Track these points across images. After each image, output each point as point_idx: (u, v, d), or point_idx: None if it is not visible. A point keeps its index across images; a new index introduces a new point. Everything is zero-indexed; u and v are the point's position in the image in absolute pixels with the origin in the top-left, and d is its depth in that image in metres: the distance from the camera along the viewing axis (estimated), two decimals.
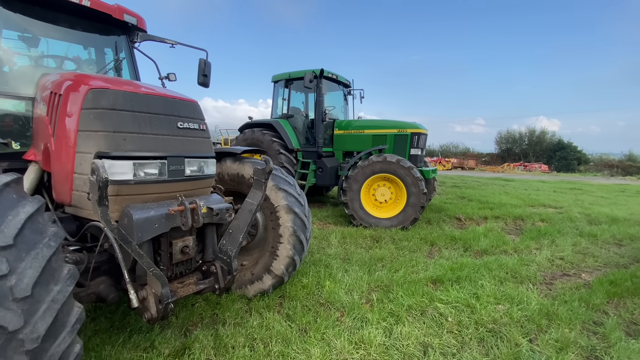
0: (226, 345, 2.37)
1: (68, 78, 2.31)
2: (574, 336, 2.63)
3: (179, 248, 2.01)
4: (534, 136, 46.32)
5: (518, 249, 5.06)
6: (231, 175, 3.21)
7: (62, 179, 2.02)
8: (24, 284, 1.34)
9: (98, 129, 1.83)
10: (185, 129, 2.09)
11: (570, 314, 2.95)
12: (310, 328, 2.63)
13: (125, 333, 2.43)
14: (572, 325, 2.81)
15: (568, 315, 2.93)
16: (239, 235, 2.27)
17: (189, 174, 2.10)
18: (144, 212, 1.78)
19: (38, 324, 1.37)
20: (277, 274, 3.06)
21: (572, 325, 2.80)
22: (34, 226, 1.48)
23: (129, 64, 3.76)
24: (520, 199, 10.02)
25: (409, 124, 7.09)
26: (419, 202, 5.91)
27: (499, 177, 22.25)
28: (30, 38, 3.28)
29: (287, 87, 8.30)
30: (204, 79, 4.04)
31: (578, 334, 2.69)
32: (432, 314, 2.97)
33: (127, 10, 3.51)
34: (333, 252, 4.62)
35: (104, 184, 1.44)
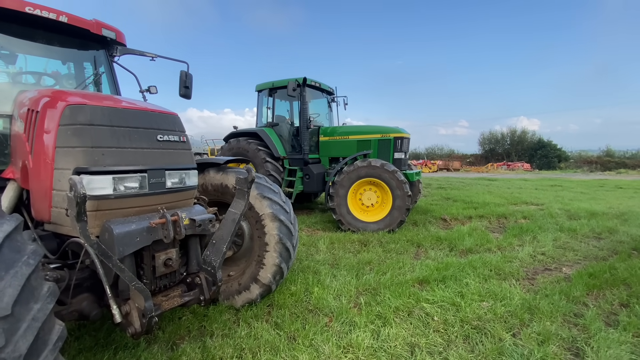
0: (214, 357, 2.36)
1: (45, 94, 2.30)
2: (555, 329, 2.72)
3: (162, 261, 2.01)
4: (516, 136, 47.69)
5: (501, 246, 5.20)
6: (215, 185, 3.22)
7: (40, 196, 2.00)
8: (4, 302, 1.33)
9: (76, 144, 1.83)
10: (165, 142, 2.11)
11: (552, 307, 3.05)
12: (299, 335, 2.65)
13: (110, 350, 2.39)
14: (553, 318, 2.90)
15: (549, 308, 3.03)
16: (222, 246, 2.28)
17: (170, 186, 2.11)
18: (124, 227, 1.78)
19: (19, 342, 1.35)
20: (265, 282, 3.07)
21: (553, 318, 2.89)
22: (12, 244, 1.47)
23: (109, 78, 3.74)
24: (503, 198, 10.28)
25: (392, 128, 7.23)
26: (405, 205, 6.01)
27: (483, 177, 22.76)
28: (7, 55, 3.24)
29: (271, 96, 8.36)
30: (186, 90, 4.05)
31: (559, 327, 2.79)
32: (418, 314, 3.02)
33: (105, 24, 3.51)
34: (321, 258, 4.64)
35: (82, 199, 1.45)
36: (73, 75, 3.74)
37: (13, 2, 2.83)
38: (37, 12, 2.94)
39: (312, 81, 7.92)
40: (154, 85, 3.92)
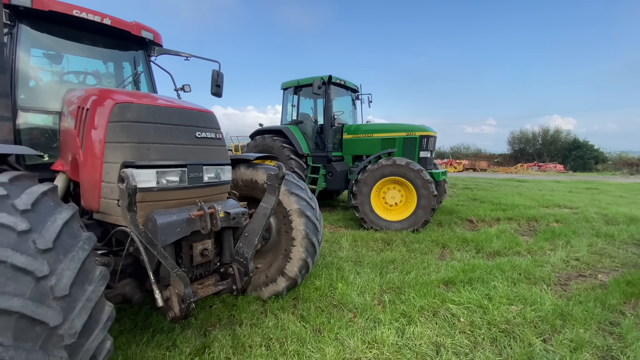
0: (244, 344, 2.47)
1: (93, 93, 2.47)
2: (589, 336, 2.62)
3: (199, 251, 2.13)
4: (548, 135, 45.41)
5: (532, 250, 5.02)
6: (245, 180, 3.33)
7: (90, 187, 2.16)
8: (62, 284, 1.47)
9: (124, 140, 1.97)
10: (203, 139, 2.22)
11: (586, 314, 2.94)
12: (324, 328, 2.71)
13: (149, 333, 2.55)
14: (587, 325, 2.80)
15: (583, 315, 2.92)
16: (254, 238, 2.38)
17: (207, 180, 2.22)
18: (167, 217, 1.90)
19: (75, 320, 1.49)
20: (291, 276, 3.15)
21: (587, 326, 2.79)
22: (70, 231, 1.62)
23: (147, 77, 3.94)
24: (534, 200, 9.87)
25: (418, 126, 7.13)
26: (430, 205, 5.92)
27: (512, 178, 21.90)
28: (54, 55, 3.49)
29: (296, 94, 8.46)
30: (217, 89, 4.20)
31: (593, 334, 2.69)
32: (444, 314, 3.00)
33: (145, 26, 3.69)
34: (344, 255, 4.68)
35: (133, 191, 1.57)
36: (113, 75, 3.97)
37: (61, 5, 3.04)
38: (83, 15, 3.14)
39: (337, 79, 7.93)
40: (187, 84, 4.09)
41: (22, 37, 2.98)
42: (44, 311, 1.39)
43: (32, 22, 3.03)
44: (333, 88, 7.93)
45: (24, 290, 1.36)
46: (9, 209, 1.48)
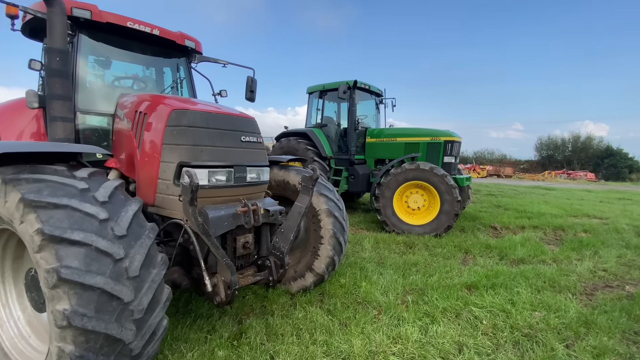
0: (276, 332, 2.67)
1: (146, 99, 2.75)
2: (612, 344, 2.64)
3: (241, 243, 2.34)
4: (579, 142, 43.58)
5: (557, 259, 4.97)
6: (277, 181, 3.54)
7: (147, 183, 2.43)
8: (134, 266, 1.71)
9: (180, 142, 2.22)
10: (247, 142, 2.44)
11: (610, 323, 2.94)
12: (350, 322, 2.86)
13: (190, 318, 2.80)
14: (611, 334, 2.81)
15: (608, 324, 2.93)
16: (290, 234, 2.58)
17: (249, 180, 2.44)
18: (217, 212, 2.13)
19: (143, 298, 1.73)
20: (319, 272, 3.33)
21: (611, 334, 2.80)
22: (138, 221, 1.86)
23: (188, 82, 4.25)
24: (561, 209, 9.61)
25: (442, 131, 7.16)
26: (453, 210, 5.95)
27: (539, 185, 21.21)
28: (107, 62, 3.84)
29: (321, 98, 8.66)
30: (251, 94, 4.47)
31: (617, 342, 2.70)
32: (466, 316, 3.08)
33: (188, 36, 3.99)
34: (367, 256, 4.81)
35: (195, 187, 1.79)
36: (157, 80, 4.29)
37: (117, 17, 3.36)
38: (135, 26, 3.46)
39: (362, 84, 8.08)
40: (224, 90, 4.37)
41: (82, 46, 3.32)
42: (120, 288, 1.63)
43: (91, 33, 3.37)
44: (357, 92, 8.09)
45: (104, 270, 1.61)
46: (91, 200, 1.74)
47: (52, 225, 1.54)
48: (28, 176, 1.70)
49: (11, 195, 1.64)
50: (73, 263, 1.52)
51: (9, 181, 1.66)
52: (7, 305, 2.23)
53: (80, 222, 1.62)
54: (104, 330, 1.56)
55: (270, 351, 2.44)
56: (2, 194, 1.68)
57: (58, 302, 1.51)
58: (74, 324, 1.49)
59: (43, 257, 1.52)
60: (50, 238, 1.51)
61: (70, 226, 1.58)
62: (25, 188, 1.63)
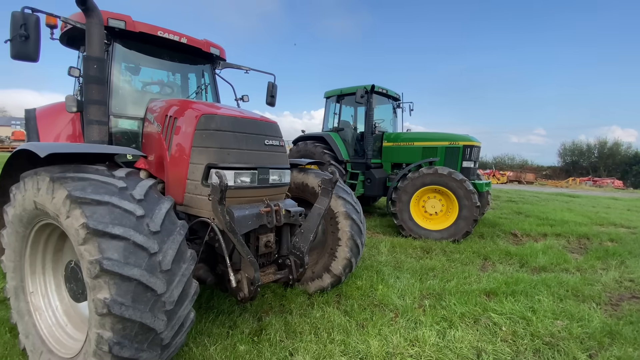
0: (295, 330, 2.74)
1: (175, 104, 2.91)
2: (637, 355, 2.57)
3: (264, 242, 2.44)
4: (606, 148, 41.78)
5: (581, 268, 4.82)
6: (297, 183, 3.63)
7: (176, 183, 2.56)
8: (167, 260, 1.83)
9: (209, 145, 2.34)
10: (270, 146, 2.55)
11: (636, 334, 2.86)
12: (367, 324, 2.90)
13: (213, 313, 2.91)
14: (636, 345, 2.73)
15: (633, 335, 2.85)
16: (309, 235, 2.65)
17: (272, 182, 2.54)
18: (242, 211, 2.23)
19: (174, 291, 1.85)
20: (336, 273, 3.38)
21: (636, 345, 2.72)
22: (170, 218, 1.98)
23: (212, 88, 4.41)
24: (586, 217, 9.28)
25: (461, 136, 7.09)
26: (472, 216, 5.88)
27: (563, 192, 20.48)
28: (138, 68, 4.05)
29: (338, 102, 8.75)
30: (272, 99, 4.61)
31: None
32: (485, 322, 3.06)
33: (213, 43, 4.16)
34: (384, 260, 4.83)
35: (225, 188, 1.90)
36: (182, 85, 4.48)
37: (148, 27, 3.54)
38: (165, 35, 3.64)
39: (380, 88, 8.11)
40: (246, 95, 4.52)
41: (116, 54, 3.52)
42: (154, 280, 1.75)
43: (124, 41, 3.57)
44: (375, 96, 8.12)
45: (140, 263, 1.73)
46: (129, 198, 1.87)
47: (95, 220, 1.67)
48: (73, 175, 1.85)
49: (59, 192, 1.79)
50: (113, 255, 1.65)
51: (56, 179, 1.81)
52: (46, 295, 2.40)
53: (119, 217, 1.75)
54: (139, 319, 1.68)
55: (289, 348, 2.51)
56: (50, 190, 1.83)
57: (99, 292, 1.63)
58: (113, 312, 1.60)
59: (87, 249, 1.66)
60: (94, 232, 1.64)
61: (111, 221, 1.71)
62: (71, 186, 1.78)
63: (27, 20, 2.57)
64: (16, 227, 2.19)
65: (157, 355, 1.83)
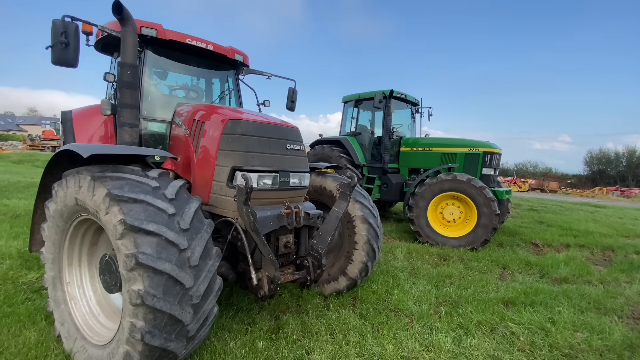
0: (311, 330, 2.81)
1: (201, 109, 3.05)
2: None
3: (283, 243, 2.53)
4: (635, 157, 39.87)
5: (605, 280, 4.67)
6: (315, 187, 3.72)
7: (202, 184, 2.69)
8: (195, 256, 1.94)
9: (235, 149, 2.46)
10: (292, 150, 2.64)
11: None
12: (383, 327, 2.93)
13: (232, 310, 3.02)
14: None
15: None
16: (327, 237, 2.73)
17: (292, 184, 2.63)
18: (264, 212, 2.34)
19: (200, 286, 1.96)
20: (352, 276, 3.43)
21: None
22: (198, 217, 2.10)
23: (235, 93, 4.58)
24: (612, 228, 8.93)
25: (482, 142, 7.00)
26: (491, 224, 5.79)
27: (588, 202, 19.70)
28: (166, 74, 4.26)
29: (356, 107, 8.81)
30: (292, 104, 4.73)
31: None
32: (502, 331, 3.04)
33: (237, 50, 4.33)
34: (399, 265, 4.83)
35: (250, 189, 2.01)
36: (203, 90, 4.66)
37: (178, 35, 3.73)
38: (193, 42, 3.82)
39: (399, 93, 8.12)
40: (268, 100, 4.66)
41: (147, 60, 3.72)
42: (183, 275, 1.86)
43: (155, 48, 3.76)
44: (393, 102, 8.14)
45: (171, 258, 1.85)
46: (161, 197, 2.00)
47: (132, 216, 1.81)
48: (112, 174, 2.00)
49: (99, 190, 1.94)
50: (147, 250, 1.78)
51: (97, 178, 1.96)
52: (81, 286, 2.57)
53: (153, 215, 1.88)
54: (169, 311, 1.79)
55: (305, 347, 2.58)
56: (90, 188, 1.99)
57: (134, 283, 1.76)
58: (146, 303, 1.73)
59: (124, 244, 1.79)
60: (130, 227, 1.78)
61: (146, 218, 1.84)
62: (110, 184, 1.92)
63: (67, 28, 2.74)
64: (57, 221, 2.37)
65: (183, 346, 1.95)
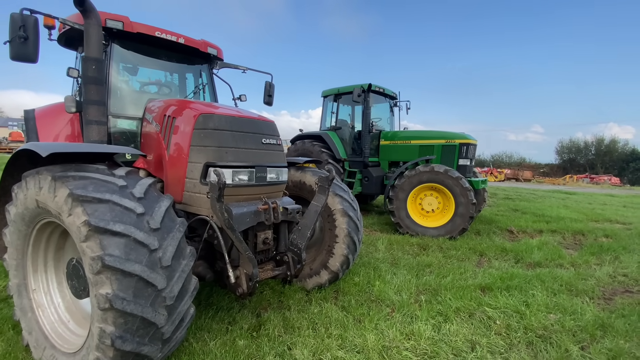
0: (293, 325, 2.79)
1: (173, 104, 2.94)
2: (629, 347, 2.64)
3: (262, 239, 2.49)
4: (603, 145, 42.08)
5: (576, 263, 4.90)
6: (294, 181, 3.68)
7: (175, 182, 2.60)
8: (167, 256, 1.87)
9: (207, 144, 2.38)
10: (267, 144, 2.59)
11: (628, 327, 2.92)
12: (364, 319, 2.95)
13: (212, 309, 2.96)
14: (628, 337, 2.79)
15: (625, 328, 2.91)
16: (307, 231, 2.70)
17: (269, 180, 2.58)
18: (240, 209, 2.28)
19: (174, 287, 1.89)
20: (333, 270, 3.44)
21: (628, 338, 2.79)
22: (170, 216, 2.03)
23: (210, 87, 4.45)
24: (582, 214, 9.38)
25: (457, 134, 7.15)
26: (468, 213, 5.94)
27: (559, 189, 20.61)
28: (136, 69, 4.08)
29: (335, 101, 8.79)
30: (269, 98, 4.65)
31: (634, 346, 2.68)
32: (480, 316, 3.12)
33: (210, 43, 4.19)
34: (381, 257, 4.88)
35: (223, 185, 1.95)
36: (177, 85, 4.51)
37: (146, 27, 3.57)
38: (163, 35, 3.67)
39: (377, 87, 8.16)
40: (244, 94, 4.55)
41: (114, 55, 3.54)
42: (154, 276, 1.79)
43: (122, 42, 3.59)
44: (372, 95, 8.17)
45: (141, 259, 1.77)
46: (129, 196, 1.91)
47: (97, 217, 1.72)
48: (75, 174, 1.89)
49: (60, 190, 1.83)
50: (115, 252, 1.69)
51: (58, 178, 1.85)
52: (48, 292, 2.44)
53: (120, 215, 1.79)
54: (140, 314, 1.72)
55: (287, 342, 2.56)
56: (52, 189, 1.87)
57: (101, 287, 1.67)
58: (115, 307, 1.65)
59: (89, 246, 1.70)
60: (95, 229, 1.69)
61: (112, 219, 1.75)
62: (72, 184, 1.82)
63: (26, 22, 2.58)
64: (18, 225, 2.23)
65: (158, 350, 1.88)
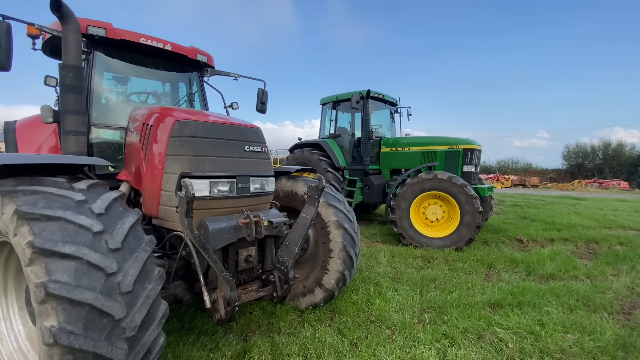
0: (282, 352, 2.52)
1: (155, 111, 2.75)
2: None
3: (244, 257, 2.24)
4: (610, 149, 41.42)
5: (591, 274, 4.57)
6: (286, 192, 3.45)
7: (151, 195, 2.39)
8: (127, 280, 1.64)
9: (182, 153, 2.17)
10: (251, 152, 2.37)
11: None
12: (362, 343, 2.67)
13: (194, 334, 2.70)
14: None
15: None
16: (294, 247, 2.46)
17: (253, 191, 2.35)
18: (217, 224, 2.05)
19: (136, 315, 1.65)
20: (328, 287, 3.17)
21: None
22: (135, 234, 1.80)
23: (200, 95, 4.28)
24: (594, 220, 9.00)
25: (461, 139, 6.90)
26: (474, 222, 5.65)
27: (568, 195, 20.13)
28: (121, 78, 3.93)
29: (334, 109, 8.62)
30: (262, 106, 4.46)
31: None
32: (490, 338, 2.83)
33: (200, 50, 4.04)
34: (382, 271, 4.60)
35: (191, 199, 1.73)
36: (170, 94, 4.35)
37: (130, 34, 3.41)
38: (148, 42, 3.51)
39: (376, 93, 7.98)
40: (235, 102, 4.38)
41: (97, 63, 3.39)
42: (111, 304, 1.55)
43: (105, 50, 3.44)
44: (371, 102, 7.99)
45: (95, 285, 1.54)
46: (86, 212, 1.70)
47: (43, 237, 1.50)
48: (26, 188, 1.68)
49: (7, 207, 1.62)
50: (62, 277, 1.46)
51: (6, 193, 1.64)
52: (8, 318, 2.21)
53: (72, 234, 1.57)
54: (92, 349, 1.48)
55: None
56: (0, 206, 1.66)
57: (46, 318, 1.44)
58: (60, 342, 1.41)
59: (33, 271, 1.47)
60: (40, 251, 1.46)
61: (62, 239, 1.53)
62: (21, 200, 1.61)
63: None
64: None
65: None
